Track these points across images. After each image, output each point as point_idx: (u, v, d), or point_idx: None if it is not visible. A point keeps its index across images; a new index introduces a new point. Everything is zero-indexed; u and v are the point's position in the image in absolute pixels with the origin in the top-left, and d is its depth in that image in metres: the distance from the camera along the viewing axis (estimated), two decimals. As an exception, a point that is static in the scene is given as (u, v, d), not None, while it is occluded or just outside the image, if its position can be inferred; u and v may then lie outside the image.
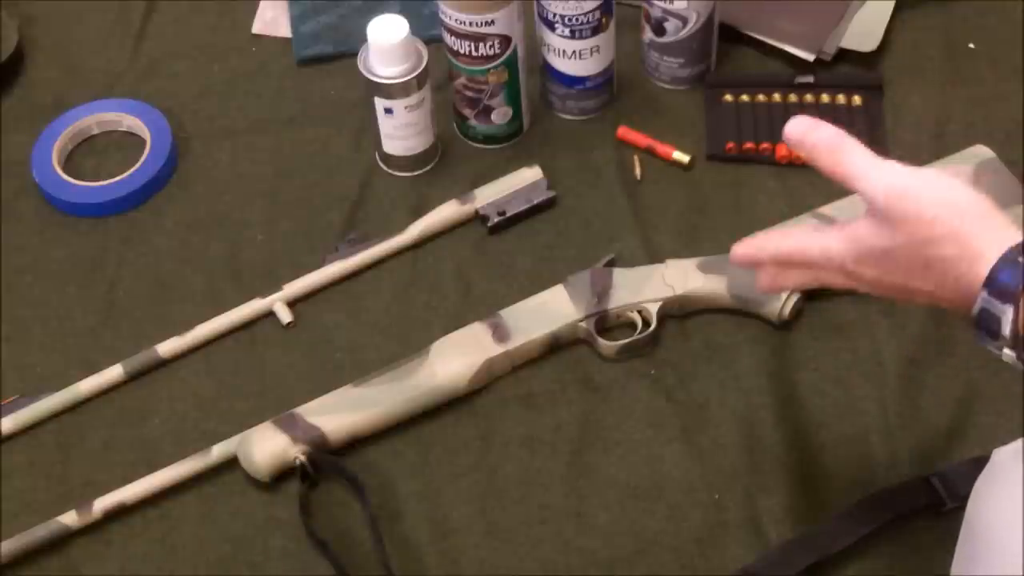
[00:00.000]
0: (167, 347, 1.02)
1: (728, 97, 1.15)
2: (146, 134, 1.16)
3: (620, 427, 0.96)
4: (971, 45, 1.19)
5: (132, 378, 1.01)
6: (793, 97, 1.14)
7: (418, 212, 1.09)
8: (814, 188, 1.08)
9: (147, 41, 1.26)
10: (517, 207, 1.09)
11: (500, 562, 0.90)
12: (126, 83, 1.23)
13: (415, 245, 1.08)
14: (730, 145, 1.12)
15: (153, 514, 0.94)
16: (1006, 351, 0.66)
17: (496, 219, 1.08)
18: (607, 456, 0.95)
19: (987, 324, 0.66)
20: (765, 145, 1.11)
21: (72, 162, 1.17)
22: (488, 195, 1.09)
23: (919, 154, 1.09)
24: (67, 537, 0.93)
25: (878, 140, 1.11)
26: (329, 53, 1.23)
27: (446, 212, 1.09)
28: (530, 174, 1.10)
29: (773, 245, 0.77)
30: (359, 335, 1.03)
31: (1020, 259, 0.65)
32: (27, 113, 1.21)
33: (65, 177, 1.14)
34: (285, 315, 1.04)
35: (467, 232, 1.09)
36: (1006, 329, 0.65)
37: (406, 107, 1.07)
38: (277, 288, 1.05)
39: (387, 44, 1.04)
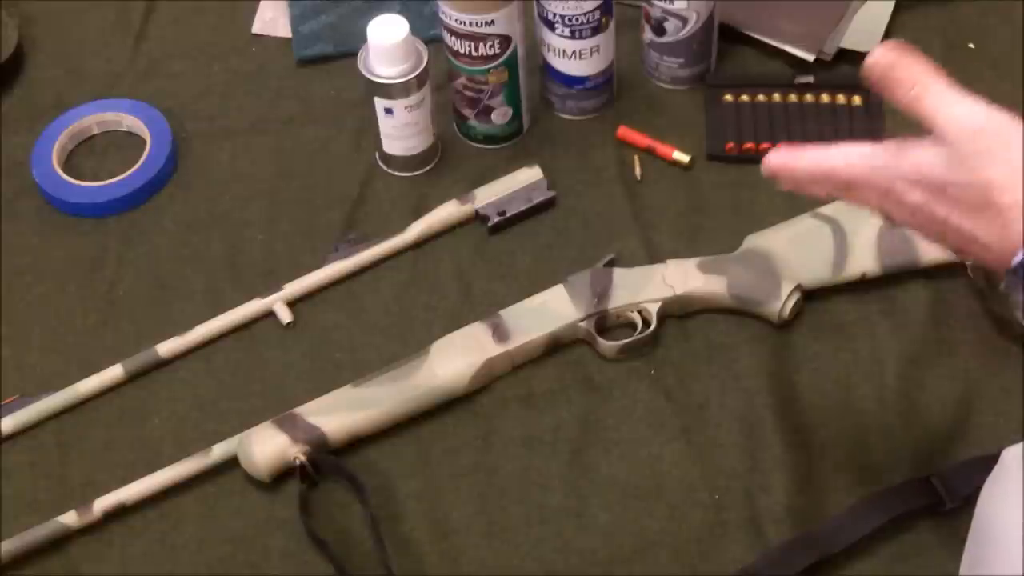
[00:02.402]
0: (167, 347, 1.02)
1: (728, 97, 1.15)
2: (146, 134, 1.16)
3: (620, 427, 0.96)
4: (971, 45, 1.19)
5: (132, 378, 1.01)
6: (793, 97, 1.14)
7: (418, 212, 1.09)
8: (814, 188, 1.08)
9: (147, 41, 1.26)
10: (517, 207, 1.09)
11: (500, 562, 0.90)
12: (126, 83, 1.23)
13: (415, 245, 1.08)
14: (730, 145, 1.12)
15: (153, 514, 0.94)
16: None
17: (496, 219, 1.08)
18: (607, 456, 0.95)
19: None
20: (765, 145, 1.11)
21: (72, 162, 1.17)
22: (488, 195, 1.09)
23: (919, 154, 1.09)
24: (67, 537, 0.93)
25: (878, 140, 1.11)
26: (329, 53, 1.23)
27: (446, 212, 1.09)
28: (530, 174, 1.10)
29: (812, 157, 0.75)
30: (359, 335, 1.03)
31: None
32: (27, 113, 1.21)
33: (65, 177, 1.14)
34: (285, 315, 1.04)
35: (467, 232, 1.09)
36: None
37: (406, 107, 1.07)
38: (277, 288, 1.05)
39: (387, 44, 1.04)
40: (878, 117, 1.13)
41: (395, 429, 0.97)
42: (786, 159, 0.76)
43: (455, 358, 0.97)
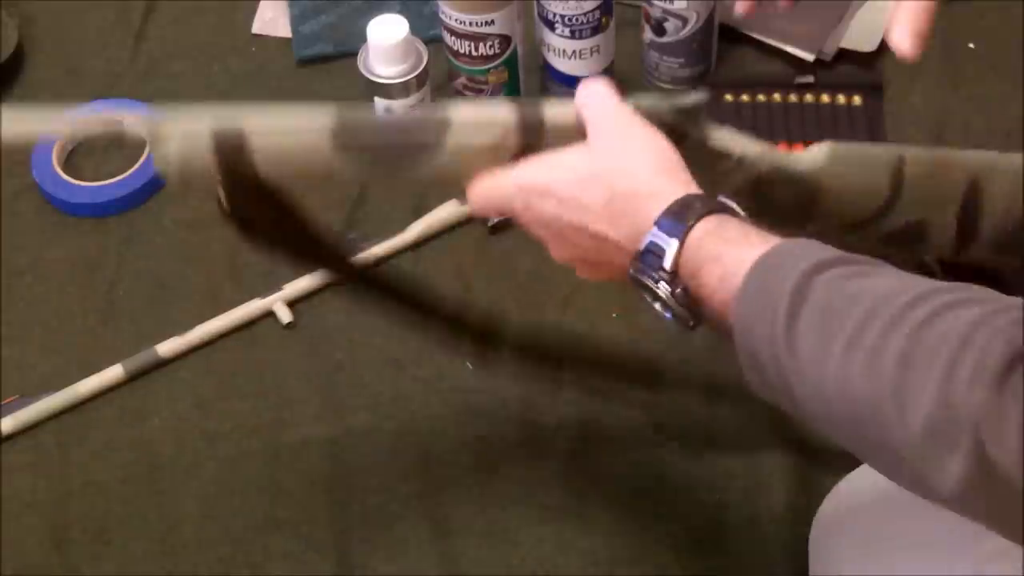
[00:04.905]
0: (167, 347, 1.02)
1: (728, 97, 1.15)
2: (146, 134, 1.16)
3: (620, 426, 0.96)
4: (971, 45, 1.19)
5: (132, 378, 1.01)
6: (793, 97, 1.14)
7: (418, 212, 1.09)
8: (814, 188, 1.08)
9: (147, 41, 1.26)
10: (517, 207, 1.09)
11: (500, 562, 0.90)
12: (126, 83, 1.22)
13: (415, 245, 1.08)
14: (730, 145, 1.12)
15: (153, 514, 0.94)
16: (662, 284, 0.67)
17: (496, 219, 1.08)
18: (607, 456, 0.95)
19: (649, 256, 0.67)
20: (765, 145, 1.11)
21: (72, 162, 1.17)
22: (488, 195, 1.09)
23: (919, 154, 1.09)
24: (67, 537, 0.93)
25: (878, 140, 1.11)
26: (329, 53, 1.23)
27: (446, 212, 1.09)
28: (530, 174, 1.10)
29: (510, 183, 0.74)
30: (359, 335, 1.03)
31: (695, 202, 0.67)
32: (27, 113, 1.20)
33: (65, 177, 1.14)
34: (285, 315, 1.04)
35: (467, 232, 1.09)
36: (668, 262, 0.66)
37: (406, 107, 1.07)
38: (277, 288, 1.05)
39: (387, 44, 1.04)
40: (878, 117, 1.13)
41: (395, 429, 0.97)
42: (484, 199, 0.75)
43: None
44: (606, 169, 0.70)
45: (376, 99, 1.07)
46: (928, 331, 0.55)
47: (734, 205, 0.69)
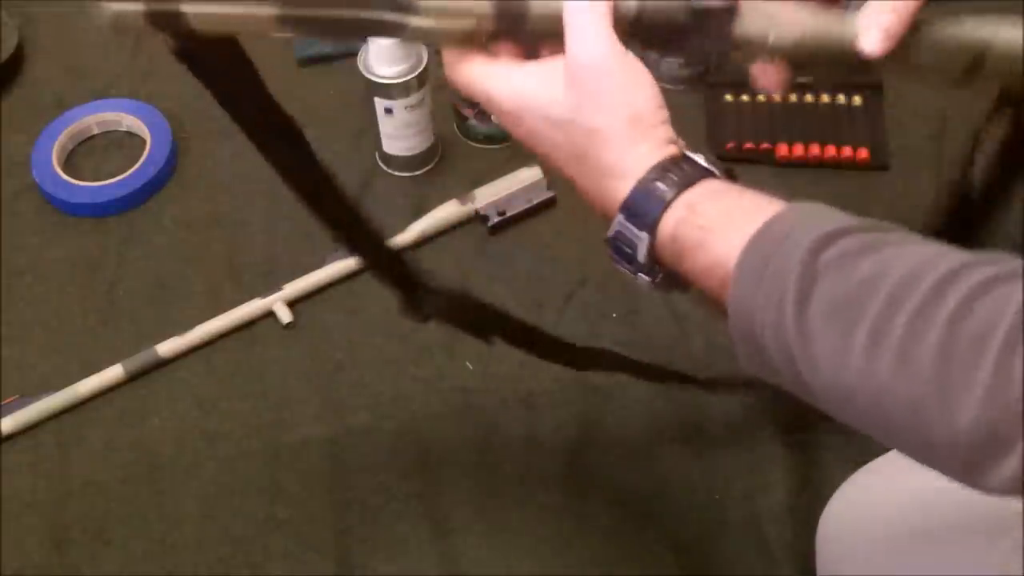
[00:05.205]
0: (167, 347, 1.02)
1: (728, 97, 1.15)
2: (146, 134, 1.16)
3: (620, 427, 0.96)
4: (971, 45, 1.19)
5: (132, 378, 1.01)
6: (793, 97, 1.14)
7: (418, 212, 1.09)
8: (815, 188, 1.08)
9: (147, 41, 1.26)
10: (517, 207, 1.09)
11: (500, 562, 0.90)
12: (126, 83, 1.23)
13: (415, 245, 1.08)
14: (730, 145, 1.12)
15: (153, 514, 0.94)
16: (640, 275, 0.62)
17: (496, 219, 1.08)
18: (607, 456, 0.95)
19: (622, 247, 0.62)
20: (765, 145, 1.11)
21: (72, 162, 1.17)
22: (488, 195, 1.09)
23: (919, 154, 1.09)
24: (66, 535, 0.93)
25: (878, 140, 1.11)
26: (329, 53, 1.23)
27: (446, 212, 1.09)
28: (530, 174, 1.10)
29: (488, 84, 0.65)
30: (359, 335, 1.03)
31: (659, 184, 0.60)
32: (27, 113, 1.21)
33: (65, 177, 1.14)
34: (285, 315, 1.04)
35: (467, 232, 1.09)
36: (641, 255, 0.61)
37: (406, 107, 1.07)
38: (277, 288, 1.05)
39: (387, 44, 1.04)
40: (878, 117, 1.13)
41: (395, 429, 0.97)
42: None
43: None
44: (578, 122, 0.62)
45: (376, 99, 1.07)
46: (967, 320, 0.51)
47: (705, 162, 0.64)
